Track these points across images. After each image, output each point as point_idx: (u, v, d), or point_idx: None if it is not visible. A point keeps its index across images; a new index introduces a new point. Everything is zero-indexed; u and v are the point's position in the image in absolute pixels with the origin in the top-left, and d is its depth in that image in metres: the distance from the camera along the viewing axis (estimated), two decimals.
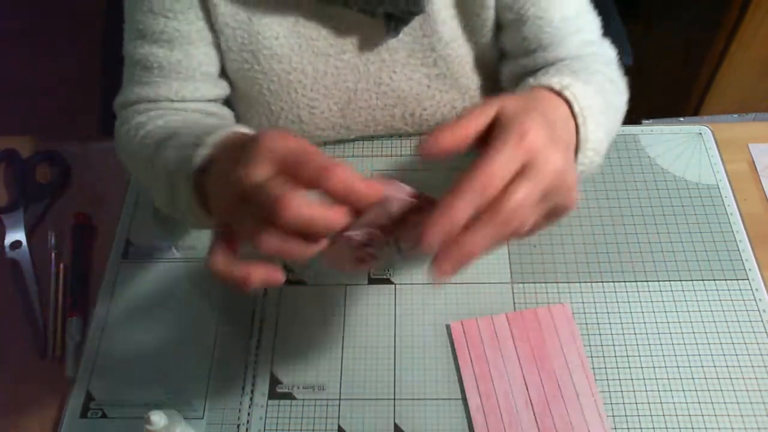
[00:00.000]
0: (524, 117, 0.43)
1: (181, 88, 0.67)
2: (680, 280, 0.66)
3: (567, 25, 0.65)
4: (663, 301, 0.65)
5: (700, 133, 0.77)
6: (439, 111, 0.75)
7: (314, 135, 0.76)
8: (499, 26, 0.70)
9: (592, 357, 0.62)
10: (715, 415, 0.59)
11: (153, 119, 0.64)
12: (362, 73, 0.71)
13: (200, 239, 0.72)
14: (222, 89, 0.72)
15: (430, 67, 0.71)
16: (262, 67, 0.69)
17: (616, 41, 0.71)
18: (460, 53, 0.71)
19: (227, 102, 0.75)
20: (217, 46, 0.69)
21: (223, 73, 0.72)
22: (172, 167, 0.53)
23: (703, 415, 0.59)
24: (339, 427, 0.60)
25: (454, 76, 0.72)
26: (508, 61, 0.71)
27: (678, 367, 0.61)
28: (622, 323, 0.64)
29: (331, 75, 0.71)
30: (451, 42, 0.70)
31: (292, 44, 0.68)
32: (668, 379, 0.61)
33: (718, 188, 0.72)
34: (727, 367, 0.61)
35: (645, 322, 0.64)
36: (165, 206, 0.57)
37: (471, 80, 0.74)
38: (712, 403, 0.59)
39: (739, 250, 0.68)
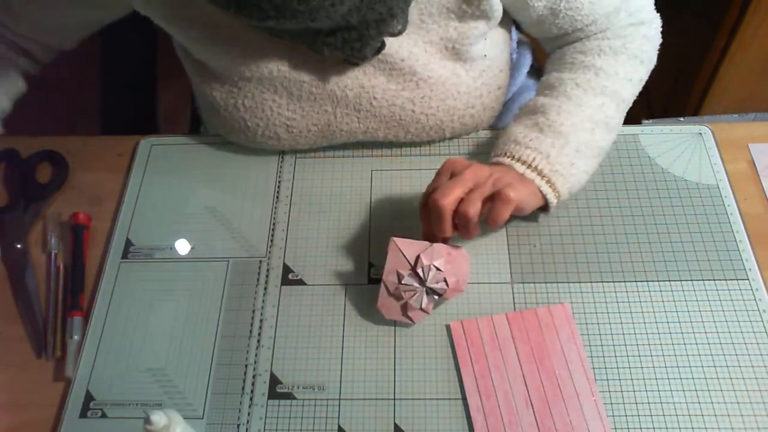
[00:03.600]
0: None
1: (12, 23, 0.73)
2: (680, 280, 0.66)
3: (595, 7, 0.68)
4: (663, 301, 0.65)
5: (700, 133, 0.77)
6: (425, 132, 0.74)
7: (295, 147, 0.76)
8: (523, 24, 0.72)
9: (592, 357, 0.62)
10: (715, 415, 0.59)
11: None
12: (340, 99, 0.70)
13: (200, 239, 0.72)
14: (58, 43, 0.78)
15: (412, 91, 0.70)
16: (236, 82, 0.69)
17: None
18: (443, 74, 0.69)
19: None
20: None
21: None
22: None
23: (703, 415, 0.59)
24: (339, 427, 0.60)
25: (440, 97, 0.71)
26: (545, 43, 0.76)
27: (678, 367, 0.61)
28: (622, 323, 0.64)
29: (307, 99, 0.70)
30: (430, 64, 0.68)
31: (262, 71, 0.67)
32: (668, 379, 0.61)
33: (718, 188, 0.72)
34: (727, 367, 0.61)
35: (645, 322, 0.64)
36: None
37: (458, 101, 0.72)
38: (712, 403, 0.59)
39: (739, 250, 0.68)
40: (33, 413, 0.63)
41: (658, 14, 0.73)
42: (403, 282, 0.61)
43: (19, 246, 0.73)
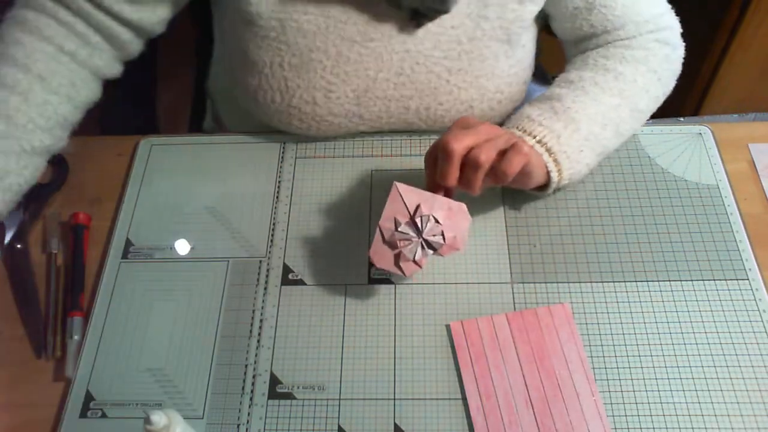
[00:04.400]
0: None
1: None
2: (680, 280, 0.66)
3: (628, 11, 0.70)
4: (663, 301, 0.65)
5: (700, 133, 0.77)
6: (455, 108, 0.74)
7: (326, 119, 0.74)
8: (554, 17, 0.73)
9: (592, 357, 0.62)
10: (715, 415, 0.59)
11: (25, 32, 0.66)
12: (385, 62, 0.71)
13: (200, 239, 0.72)
14: (141, 14, 0.71)
15: (452, 61, 0.71)
16: (287, 38, 0.69)
17: None
18: (485, 53, 0.71)
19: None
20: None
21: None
22: None
23: (703, 415, 0.59)
24: (339, 427, 0.60)
25: (475, 73, 0.72)
26: (569, 45, 0.77)
27: (678, 367, 0.61)
28: (622, 323, 0.64)
29: (353, 61, 0.70)
30: (476, 40, 0.70)
31: (320, 23, 0.68)
32: (668, 379, 0.61)
33: (718, 188, 0.72)
34: (727, 367, 0.61)
35: (645, 322, 0.64)
36: None
37: (491, 82, 0.73)
38: (712, 403, 0.59)
39: (739, 250, 0.68)
40: (33, 413, 0.63)
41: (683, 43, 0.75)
42: (399, 229, 0.60)
43: (19, 246, 0.73)
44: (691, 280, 0.66)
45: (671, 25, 0.73)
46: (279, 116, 0.75)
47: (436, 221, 0.60)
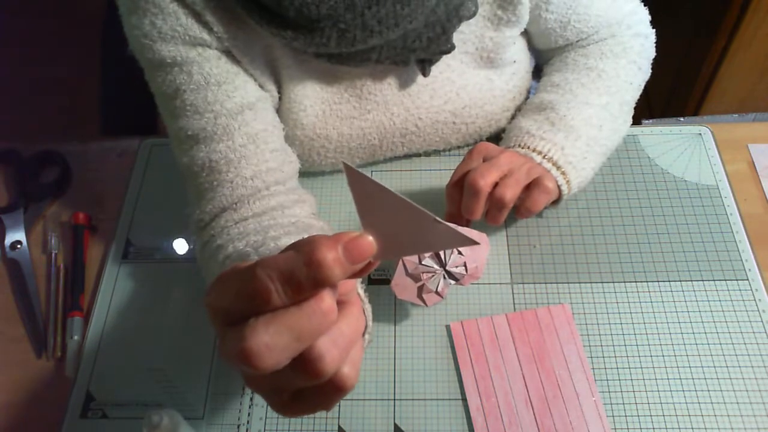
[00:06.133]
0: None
1: (257, 172, 0.61)
2: (680, 281, 0.66)
3: (602, 20, 0.70)
4: (663, 301, 0.65)
5: (700, 134, 0.77)
6: (464, 141, 0.76)
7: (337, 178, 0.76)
8: (531, 34, 0.73)
9: (592, 357, 0.62)
10: (715, 415, 0.59)
11: (233, 241, 0.57)
12: (387, 128, 0.71)
13: None
14: (293, 164, 0.66)
15: (453, 103, 0.71)
16: (285, 132, 0.67)
17: None
18: (478, 81, 0.71)
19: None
20: (270, 114, 0.64)
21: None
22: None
23: (703, 415, 0.59)
24: (339, 427, 0.60)
25: (478, 104, 0.72)
26: (546, 53, 0.77)
27: (678, 367, 0.61)
28: (622, 323, 0.64)
29: (356, 137, 0.70)
30: (464, 73, 0.70)
31: (317, 112, 0.68)
32: (668, 379, 0.61)
33: (718, 188, 0.72)
34: (727, 367, 0.61)
35: (645, 322, 0.64)
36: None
37: (495, 105, 0.73)
38: (712, 403, 0.59)
39: (738, 250, 0.68)
40: (33, 413, 0.63)
41: (654, 26, 0.75)
42: (423, 263, 0.60)
43: (19, 246, 0.73)
44: (691, 281, 0.66)
45: (642, 18, 0.74)
46: None
47: (459, 253, 0.61)
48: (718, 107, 1.32)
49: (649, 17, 0.74)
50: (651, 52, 0.74)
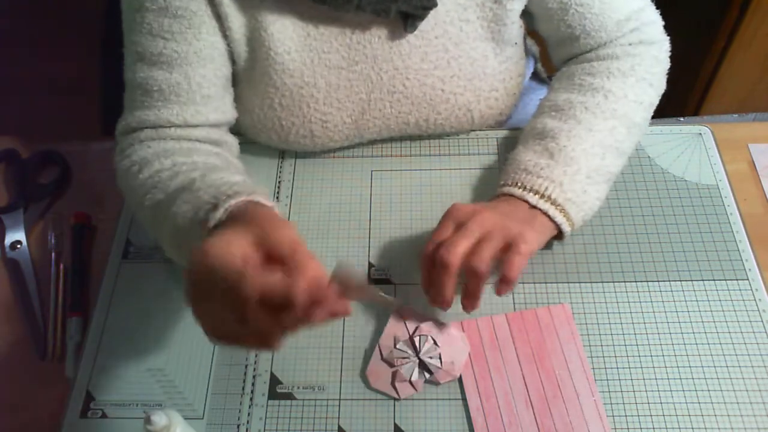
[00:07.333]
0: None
1: (182, 111, 0.66)
2: (680, 280, 0.66)
3: (606, 8, 0.69)
4: (663, 301, 0.65)
5: (700, 134, 0.77)
6: (454, 114, 0.74)
7: (327, 145, 0.75)
8: (536, 16, 0.73)
9: (592, 357, 0.62)
10: (715, 415, 0.59)
11: (159, 157, 0.63)
12: (375, 83, 0.71)
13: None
14: (224, 114, 0.70)
15: (443, 69, 0.71)
16: (274, 81, 0.69)
17: None
18: (473, 55, 0.71)
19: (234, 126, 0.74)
20: (218, 67, 0.67)
21: (228, 95, 0.71)
22: (182, 222, 0.55)
23: (703, 415, 0.59)
24: (339, 427, 0.60)
25: (468, 77, 0.72)
26: (553, 48, 0.76)
27: (678, 367, 0.61)
28: (622, 323, 0.64)
29: (344, 88, 0.70)
30: (462, 43, 0.70)
31: (305, 58, 0.68)
32: (668, 379, 0.61)
33: (718, 188, 0.72)
34: (727, 367, 0.61)
35: (645, 322, 0.64)
36: (166, 249, 0.62)
37: (484, 82, 0.73)
38: (712, 403, 0.59)
39: (739, 250, 0.68)
40: (33, 413, 0.63)
41: (666, 35, 0.73)
42: (397, 347, 0.61)
43: (19, 246, 0.73)
44: (691, 280, 0.66)
45: (653, 19, 0.72)
46: (278, 146, 0.76)
47: (435, 343, 0.61)
48: (718, 107, 1.32)
49: (662, 21, 0.72)
50: (665, 64, 0.72)
